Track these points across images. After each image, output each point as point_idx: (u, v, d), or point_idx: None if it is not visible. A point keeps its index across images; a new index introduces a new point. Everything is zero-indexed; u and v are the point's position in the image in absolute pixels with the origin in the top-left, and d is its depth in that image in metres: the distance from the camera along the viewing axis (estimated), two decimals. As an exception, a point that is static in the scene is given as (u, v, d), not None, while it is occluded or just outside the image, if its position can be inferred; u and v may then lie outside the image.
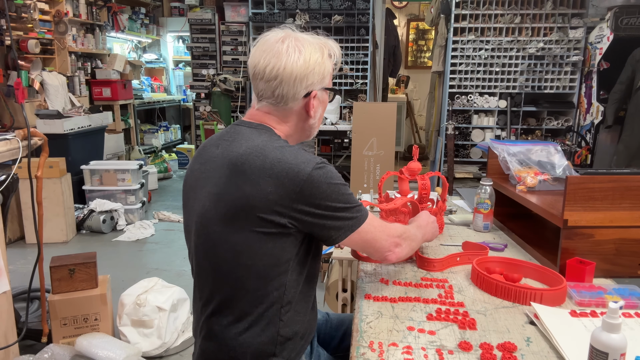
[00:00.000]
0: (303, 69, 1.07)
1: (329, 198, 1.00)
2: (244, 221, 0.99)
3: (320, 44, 1.12)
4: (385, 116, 4.17)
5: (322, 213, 1.00)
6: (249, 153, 1.01)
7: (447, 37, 4.65)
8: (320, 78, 1.10)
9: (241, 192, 0.99)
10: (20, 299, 2.41)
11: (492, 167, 1.74)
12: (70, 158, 4.01)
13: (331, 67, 1.13)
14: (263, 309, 1.03)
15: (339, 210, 1.02)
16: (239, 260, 1.01)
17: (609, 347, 0.77)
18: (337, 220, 1.03)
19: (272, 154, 1.00)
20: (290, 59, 1.06)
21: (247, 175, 0.99)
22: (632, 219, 1.26)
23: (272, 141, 1.05)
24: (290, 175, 0.98)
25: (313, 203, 0.99)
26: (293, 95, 1.09)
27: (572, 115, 4.65)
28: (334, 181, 1.01)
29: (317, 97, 1.12)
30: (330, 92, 1.19)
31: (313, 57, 1.09)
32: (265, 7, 4.78)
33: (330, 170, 1.03)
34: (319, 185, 0.99)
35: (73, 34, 4.94)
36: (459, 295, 1.17)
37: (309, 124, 1.16)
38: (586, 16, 4.42)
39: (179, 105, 7.45)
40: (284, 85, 1.07)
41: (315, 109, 1.13)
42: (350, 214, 1.04)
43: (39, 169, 2.01)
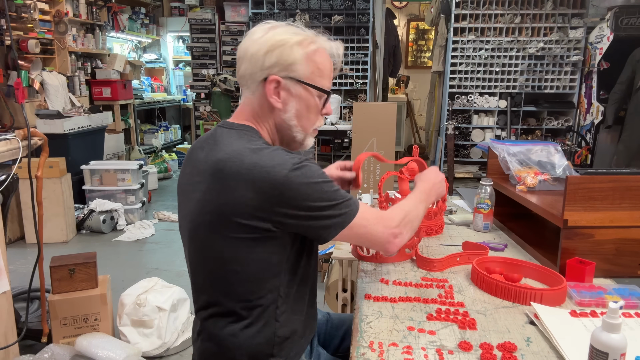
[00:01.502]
0: (260, 46, 1.01)
1: (310, 198, 0.96)
2: (227, 228, 0.97)
3: (300, 32, 1.05)
4: (385, 116, 4.17)
5: (306, 214, 0.96)
6: (227, 158, 0.97)
7: (447, 37, 4.65)
8: (285, 64, 1.01)
9: (222, 199, 0.96)
10: (20, 299, 2.41)
11: (492, 167, 1.74)
12: (70, 158, 4.01)
13: (303, 56, 1.02)
14: (258, 311, 1.02)
15: (324, 209, 0.97)
16: (228, 266, 1.00)
17: (609, 347, 0.77)
18: (324, 220, 0.98)
19: (249, 158, 0.96)
20: (254, 36, 1.03)
21: (225, 181, 0.96)
22: (632, 219, 1.26)
23: (250, 143, 1.00)
24: (267, 179, 0.93)
25: (295, 205, 0.95)
26: (251, 75, 1.03)
27: (572, 115, 4.65)
28: (314, 180, 0.96)
29: (284, 87, 1.03)
30: (315, 91, 1.06)
31: (276, 37, 1.02)
32: (265, 7, 4.78)
33: (309, 169, 0.97)
34: (298, 186, 0.94)
35: (73, 34, 4.94)
36: (459, 295, 1.17)
37: (283, 120, 1.06)
38: (586, 16, 4.42)
39: (179, 105, 7.45)
40: (244, 62, 1.04)
41: (283, 101, 1.04)
42: (337, 211, 0.99)
43: (39, 169, 2.01)
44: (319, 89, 1.06)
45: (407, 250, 1.38)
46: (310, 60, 1.03)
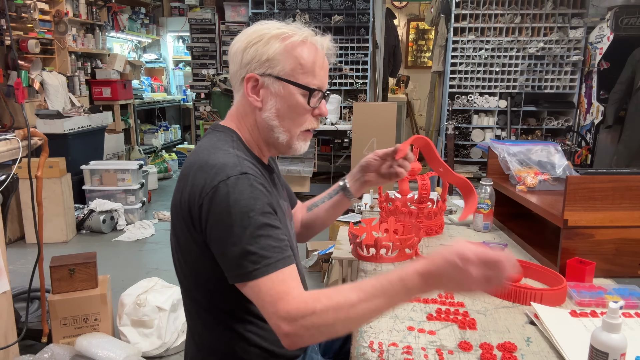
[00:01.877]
0: (240, 43, 0.98)
1: (221, 223, 0.85)
2: (177, 229, 0.96)
3: (283, 26, 0.97)
4: (385, 116, 4.17)
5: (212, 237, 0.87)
6: (188, 159, 0.97)
7: (447, 37, 4.65)
8: (261, 60, 0.95)
9: (176, 198, 0.95)
10: (20, 299, 2.41)
11: (492, 167, 1.74)
12: (70, 158, 4.01)
13: (281, 51, 0.95)
14: (221, 321, 0.99)
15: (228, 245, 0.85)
16: (182, 269, 1.00)
17: (609, 347, 0.77)
18: (223, 258, 0.87)
19: (201, 156, 0.93)
20: (240, 35, 1.00)
21: (181, 180, 0.95)
22: (632, 219, 1.26)
23: (215, 142, 0.96)
24: (202, 183, 0.88)
25: (208, 221, 0.87)
26: (234, 75, 1.00)
27: (572, 115, 4.65)
28: (238, 206, 0.84)
29: (262, 84, 0.97)
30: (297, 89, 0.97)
31: (255, 33, 0.96)
32: (265, 7, 4.78)
33: (239, 188, 0.85)
34: (218, 202, 0.85)
35: (73, 34, 4.94)
36: (459, 295, 1.17)
37: (263, 120, 0.99)
38: (586, 16, 4.42)
39: (179, 105, 7.45)
40: (230, 61, 1.02)
41: (262, 99, 0.98)
42: (242, 259, 0.83)
43: (39, 169, 2.01)
44: (301, 86, 0.97)
45: (408, 250, 1.38)
46: (289, 54, 0.95)
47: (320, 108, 1.02)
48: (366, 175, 1.25)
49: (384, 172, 1.23)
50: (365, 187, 1.26)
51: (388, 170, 1.23)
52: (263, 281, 0.83)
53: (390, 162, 1.22)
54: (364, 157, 1.26)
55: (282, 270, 0.84)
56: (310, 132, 1.05)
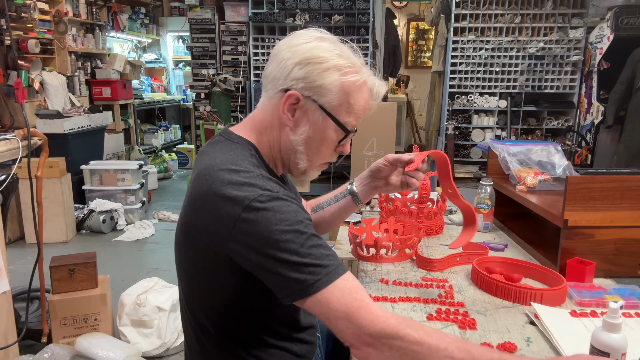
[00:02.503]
0: (294, 54, 0.89)
1: (268, 245, 0.79)
2: (190, 250, 0.92)
3: (346, 56, 0.92)
4: (385, 116, 4.17)
5: (260, 262, 0.81)
6: (202, 175, 0.88)
7: (447, 37, 4.64)
8: (312, 84, 0.89)
9: (191, 219, 0.89)
10: (20, 299, 2.41)
11: (492, 167, 1.74)
12: (70, 158, 4.01)
13: (336, 85, 0.89)
14: (224, 346, 0.95)
15: (281, 264, 0.79)
16: (190, 290, 0.96)
17: (610, 347, 0.77)
18: (274, 278, 0.81)
19: (218, 179, 0.84)
20: (295, 40, 0.92)
21: (192, 199, 0.88)
22: (632, 219, 1.26)
23: (233, 157, 0.89)
24: (224, 210, 0.82)
25: (250, 246, 0.81)
26: (273, 80, 0.92)
27: (572, 115, 4.65)
28: (280, 221, 0.80)
29: (302, 107, 0.91)
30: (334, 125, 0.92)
31: (315, 52, 0.89)
32: (265, 7, 4.78)
33: (276, 205, 0.81)
34: (255, 222, 0.80)
35: (73, 33, 4.94)
36: (459, 295, 1.17)
37: (290, 141, 0.94)
38: (586, 16, 4.42)
39: (179, 105, 7.45)
40: (272, 62, 0.93)
41: (296, 121, 0.92)
42: (299, 274, 0.78)
43: (39, 169, 2.01)
44: (340, 125, 0.93)
45: (408, 250, 1.38)
46: (343, 91, 0.91)
47: (344, 146, 0.99)
48: (376, 181, 1.22)
49: (394, 180, 1.20)
50: (374, 192, 1.24)
51: (398, 178, 1.20)
52: (330, 290, 0.78)
53: (402, 170, 1.19)
54: (374, 162, 1.22)
55: (345, 277, 0.80)
56: (327, 164, 1.02)
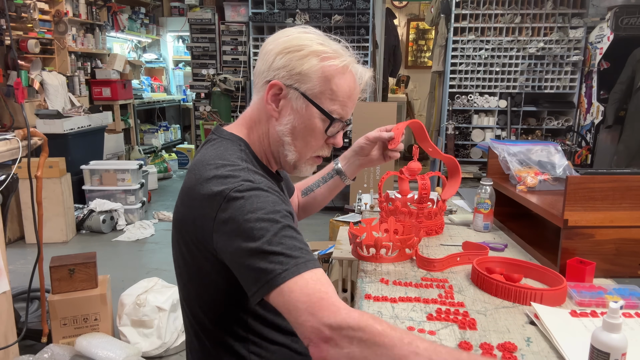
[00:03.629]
0: (276, 45, 0.91)
1: (240, 232, 0.79)
2: (183, 245, 0.92)
3: (327, 43, 0.93)
4: (385, 116, 4.17)
5: (233, 253, 0.81)
6: (190, 171, 0.91)
7: (447, 37, 4.64)
8: (293, 71, 0.89)
9: (181, 212, 0.91)
10: (20, 299, 2.41)
11: (492, 167, 1.74)
12: (70, 158, 4.01)
13: (316, 71, 0.90)
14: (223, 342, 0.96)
15: (250, 255, 0.77)
16: (187, 287, 0.96)
17: (610, 347, 0.77)
18: (244, 270, 0.79)
19: (205, 174, 0.86)
20: (279, 34, 0.94)
21: (187, 193, 0.89)
22: (632, 219, 1.26)
23: (222, 152, 0.90)
24: (208, 203, 0.83)
25: (227, 235, 0.81)
26: (259, 74, 0.93)
27: (573, 115, 4.65)
28: (257, 209, 0.80)
29: (285, 96, 0.92)
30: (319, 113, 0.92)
31: (295, 41, 0.90)
32: (265, 7, 4.78)
33: (256, 193, 0.82)
34: (234, 209, 0.80)
35: (73, 33, 4.94)
36: (459, 295, 1.17)
37: (277, 132, 0.94)
38: (586, 16, 4.42)
39: (179, 105, 7.45)
40: (260, 59, 0.95)
41: (280, 111, 0.92)
42: (268, 263, 0.76)
43: (39, 169, 2.01)
44: (324, 112, 0.92)
45: (408, 250, 1.38)
46: (324, 77, 0.90)
47: (336, 138, 0.98)
48: (360, 158, 1.29)
49: (376, 155, 1.29)
50: (360, 169, 1.32)
51: (380, 152, 1.29)
52: (295, 281, 0.74)
53: (382, 145, 1.28)
54: (356, 141, 1.30)
55: (314, 271, 0.76)
56: (320, 158, 1.01)
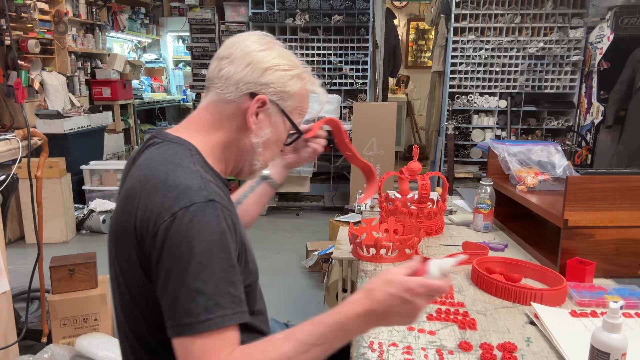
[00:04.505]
0: (263, 58, 0.90)
1: (177, 257, 0.75)
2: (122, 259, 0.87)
3: (298, 64, 0.95)
4: (385, 116, 4.17)
5: (162, 273, 0.77)
6: (135, 172, 0.86)
7: (447, 37, 4.64)
8: (281, 89, 0.91)
9: (121, 222, 0.84)
10: (20, 299, 2.41)
11: (492, 167, 1.74)
12: (70, 158, 4.01)
13: (298, 91, 0.93)
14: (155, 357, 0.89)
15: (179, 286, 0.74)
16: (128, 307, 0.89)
17: (610, 347, 0.77)
18: (169, 299, 0.76)
19: (156, 172, 0.82)
20: (254, 45, 0.91)
21: (128, 200, 0.83)
22: (632, 219, 1.26)
23: (171, 156, 0.85)
24: (159, 206, 0.78)
25: (162, 253, 0.76)
26: (238, 81, 0.89)
27: (573, 115, 4.65)
28: (201, 239, 0.75)
29: (266, 110, 0.92)
30: (291, 130, 0.96)
31: (281, 60, 0.92)
32: (265, 7, 4.78)
33: (205, 219, 0.76)
34: (178, 232, 0.75)
35: (73, 33, 4.93)
36: (459, 296, 1.17)
37: (252, 144, 0.93)
38: (586, 16, 4.42)
39: (179, 105, 7.45)
40: (234, 63, 0.90)
41: (258, 124, 0.92)
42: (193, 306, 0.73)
43: (39, 169, 2.01)
44: (295, 127, 0.97)
45: (408, 250, 1.38)
46: (300, 96, 0.95)
47: (285, 149, 1.03)
48: (284, 157, 1.24)
49: (301, 152, 1.22)
50: (287, 170, 1.25)
51: (304, 148, 1.22)
52: (209, 334, 0.73)
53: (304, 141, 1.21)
54: None
55: (234, 327, 0.76)
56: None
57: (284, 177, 1.26)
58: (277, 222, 4.40)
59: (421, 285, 0.76)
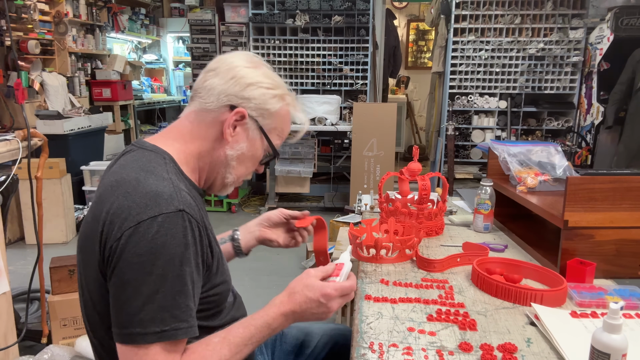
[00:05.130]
0: (247, 74, 0.93)
1: (138, 266, 0.75)
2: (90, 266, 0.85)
3: (282, 86, 0.97)
4: (386, 117, 4.17)
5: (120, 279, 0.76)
6: (107, 176, 0.87)
7: (447, 38, 4.65)
8: (261, 106, 0.93)
9: (89, 228, 0.84)
10: (20, 299, 2.41)
11: (492, 167, 1.74)
12: (70, 159, 4.01)
13: (278, 110, 0.95)
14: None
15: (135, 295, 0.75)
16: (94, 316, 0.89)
17: (611, 347, 0.77)
18: (123, 306, 0.76)
19: (127, 177, 0.82)
20: (241, 62, 0.94)
21: (97, 205, 0.83)
22: (632, 219, 1.26)
23: (144, 163, 0.85)
24: (126, 211, 0.77)
25: (121, 259, 0.76)
26: (220, 93, 0.92)
27: (573, 116, 4.65)
28: (165, 251, 0.76)
29: (244, 124, 0.93)
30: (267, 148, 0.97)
31: (266, 79, 0.94)
32: (265, 8, 4.78)
33: (172, 230, 0.77)
34: (141, 240, 0.75)
35: (73, 34, 4.94)
36: (460, 296, 1.17)
37: (226, 156, 0.94)
38: (586, 17, 4.42)
39: (179, 105, 7.45)
40: (218, 76, 0.93)
41: (235, 136, 0.93)
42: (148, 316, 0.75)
43: (39, 170, 2.01)
44: (272, 146, 0.98)
45: (408, 251, 1.38)
46: (280, 116, 0.97)
47: (260, 167, 1.03)
48: (262, 230, 1.22)
49: (282, 236, 1.22)
50: (257, 242, 1.22)
51: (289, 233, 1.23)
52: (161, 346, 0.76)
53: (292, 227, 1.22)
54: (265, 213, 1.24)
55: (183, 341, 0.79)
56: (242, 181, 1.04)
57: (251, 249, 1.23)
58: (277, 223, 4.39)
59: (335, 289, 0.90)
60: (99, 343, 0.91)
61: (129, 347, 0.76)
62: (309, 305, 0.89)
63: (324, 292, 0.89)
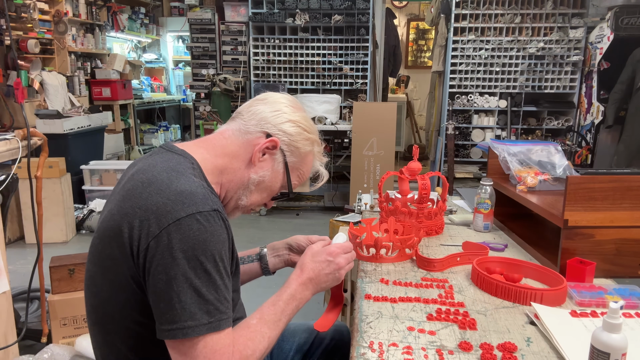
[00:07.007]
0: (292, 112, 1.00)
1: (183, 262, 0.77)
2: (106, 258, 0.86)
3: (318, 137, 1.05)
4: (385, 116, 4.17)
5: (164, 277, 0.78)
6: (136, 175, 0.87)
7: (447, 37, 4.64)
8: (293, 143, 0.99)
9: (113, 220, 0.83)
10: (20, 299, 2.41)
11: (492, 167, 1.74)
12: (70, 158, 4.01)
13: (306, 153, 1.02)
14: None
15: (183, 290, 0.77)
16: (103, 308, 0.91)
17: (610, 347, 0.77)
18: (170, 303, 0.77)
19: (159, 177, 0.84)
20: (286, 101, 1.02)
21: (125, 200, 0.84)
22: (632, 219, 1.26)
23: (174, 165, 0.87)
24: (163, 209, 0.79)
25: (164, 257, 0.78)
26: (260, 120, 0.98)
27: (573, 115, 4.65)
28: (207, 247, 0.79)
29: (273, 154, 0.98)
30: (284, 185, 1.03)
31: (307, 124, 1.02)
32: (265, 7, 4.78)
33: (211, 228, 0.80)
34: (186, 238, 0.78)
35: (73, 33, 4.93)
36: (459, 296, 1.17)
37: (249, 178, 0.98)
38: (586, 16, 4.42)
39: (179, 105, 7.45)
40: (266, 105, 1.00)
41: (262, 162, 0.98)
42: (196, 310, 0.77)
43: (39, 169, 2.01)
44: (289, 183, 1.03)
45: (408, 251, 1.38)
46: (306, 159, 1.04)
47: (270, 202, 1.07)
48: (291, 255, 1.26)
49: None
50: (285, 265, 1.26)
51: None
52: (211, 337, 0.78)
53: None
54: (293, 237, 1.27)
55: (228, 330, 0.82)
56: (251, 210, 1.07)
57: (278, 269, 1.27)
58: (277, 222, 4.40)
59: (337, 247, 1.03)
60: (103, 339, 0.91)
61: (183, 341, 0.78)
62: (320, 267, 1.00)
63: (329, 251, 1.01)
